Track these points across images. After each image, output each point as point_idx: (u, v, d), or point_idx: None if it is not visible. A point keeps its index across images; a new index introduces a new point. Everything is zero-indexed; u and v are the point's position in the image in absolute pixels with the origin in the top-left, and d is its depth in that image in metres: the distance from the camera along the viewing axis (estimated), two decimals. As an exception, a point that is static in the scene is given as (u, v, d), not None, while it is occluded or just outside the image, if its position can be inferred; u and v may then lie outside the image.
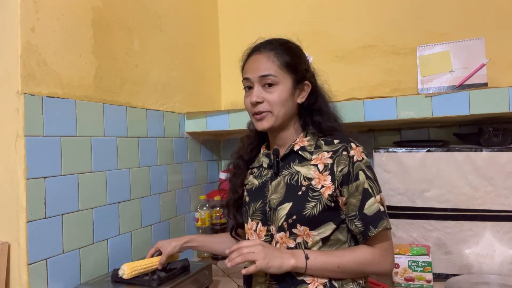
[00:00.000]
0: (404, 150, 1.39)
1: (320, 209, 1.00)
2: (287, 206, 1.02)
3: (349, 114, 1.40)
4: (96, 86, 1.24)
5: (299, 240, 1.01)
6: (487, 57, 1.46)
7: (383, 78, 1.72)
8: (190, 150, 1.74)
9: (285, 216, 1.01)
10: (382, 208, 1.01)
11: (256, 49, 1.10)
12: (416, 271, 1.31)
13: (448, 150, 1.35)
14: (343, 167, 1.01)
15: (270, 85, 1.05)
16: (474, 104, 1.28)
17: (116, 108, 1.32)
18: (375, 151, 1.43)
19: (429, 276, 1.30)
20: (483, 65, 1.45)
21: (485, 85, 1.44)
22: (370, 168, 1.04)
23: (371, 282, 1.31)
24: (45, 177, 1.05)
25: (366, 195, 1.01)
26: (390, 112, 1.37)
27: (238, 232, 1.25)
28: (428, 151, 1.36)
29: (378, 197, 1.02)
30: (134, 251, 1.37)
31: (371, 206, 1.00)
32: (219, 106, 2.01)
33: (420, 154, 1.37)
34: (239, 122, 1.58)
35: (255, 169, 1.18)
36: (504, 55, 1.54)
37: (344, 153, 1.02)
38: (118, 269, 1.13)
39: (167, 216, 1.56)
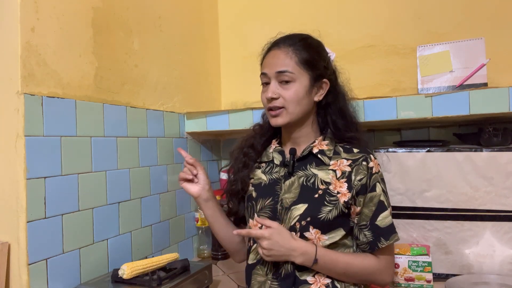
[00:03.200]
0: (404, 150, 1.39)
1: (336, 214, 1.00)
2: (301, 207, 1.01)
3: (349, 114, 1.40)
4: (96, 86, 1.24)
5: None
6: (487, 57, 1.46)
7: (383, 78, 1.72)
8: (190, 150, 1.73)
9: (298, 217, 1.00)
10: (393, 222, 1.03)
11: (275, 44, 1.08)
12: (416, 271, 1.31)
13: (448, 150, 1.35)
14: (362, 177, 1.02)
15: (286, 81, 1.03)
16: (474, 104, 1.28)
17: (116, 108, 1.32)
18: (375, 151, 1.42)
19: (429, 276, 1.30)
20: (483, 65, 1.45)
21: (485, 85, 1.44)
22: (384, 181, 1.06)
23: (371, 282, 1.31)
24: (45, 177, 1.05)
25: (380, 207, 1.02)
26: (390, 112, 1.37)
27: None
28: (428, 151, 1.36)
29: (389, 209, 1.04)
30: (134, 251, 1.37)
31: (385, 218, 1.02)
32: (219, 106, 2.01)
33: (420, 154, 1.37)
34: (239, 122, 1.58)
35: (263, 164, 1.15)
36: (504, 55, 1.54)
37: (364, 163, 1.03)
38: (118, 269, 1.13)
39: (167, 216, 1.56)
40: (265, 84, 1.08)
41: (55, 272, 1.07)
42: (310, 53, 1.05)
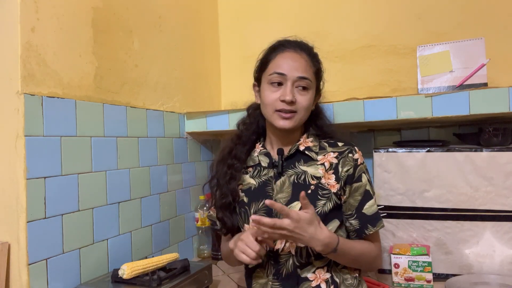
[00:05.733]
0: (404, 150, 1.39)
1: (331, 206, 1.03)
2: (297, 205, 1.02)
3: (349, 114, 1.40)
4: (96, 86, 1.24)
5: None
6: (487, 57, 1.46)
7: (383, 78, 1.72)
8: (190, 150, 1.73)
9: None
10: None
11: (292, 47, 1.08)
12: (416, 271, 1.31)
13: (448, 150, 1.35)
14: (348, 167, 1.05)
15: (303, 88, 1.05)
16: (474, 104, 1.28)
17: (116, 108, 1.32)
18: (375, 151, 1.42)
19: (429, 276, 1.30)
20: (483, 65, 1.45)
21: (485, 85, 1.44)
22: (367, 170, 1.10)
23: (371, 282, 1.31)
24: (45, 177, 1.05)
25: (367, 196, 1.06)
26: (390, 112, 1.37)
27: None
28: (428, 151, 1.36)
29: (374, 197, 1.08)
30: (134, 251, 1.37)
31: (371, 206, 1.06)
32: (219, 106, 2.01)
33: (420, 154, 1.37)
34: (239, 122, 1.58)
35: (250, 169, 1.15)
36: (504, 55, 1.54)
37: (350, 155, 1.07)
38: (118, 269, 1.13)
39: (167, 216, 1.56)
40: (276, 83, 1.05)
41: (55, 272, 1.07)
42: (319, 65, 1.12)
